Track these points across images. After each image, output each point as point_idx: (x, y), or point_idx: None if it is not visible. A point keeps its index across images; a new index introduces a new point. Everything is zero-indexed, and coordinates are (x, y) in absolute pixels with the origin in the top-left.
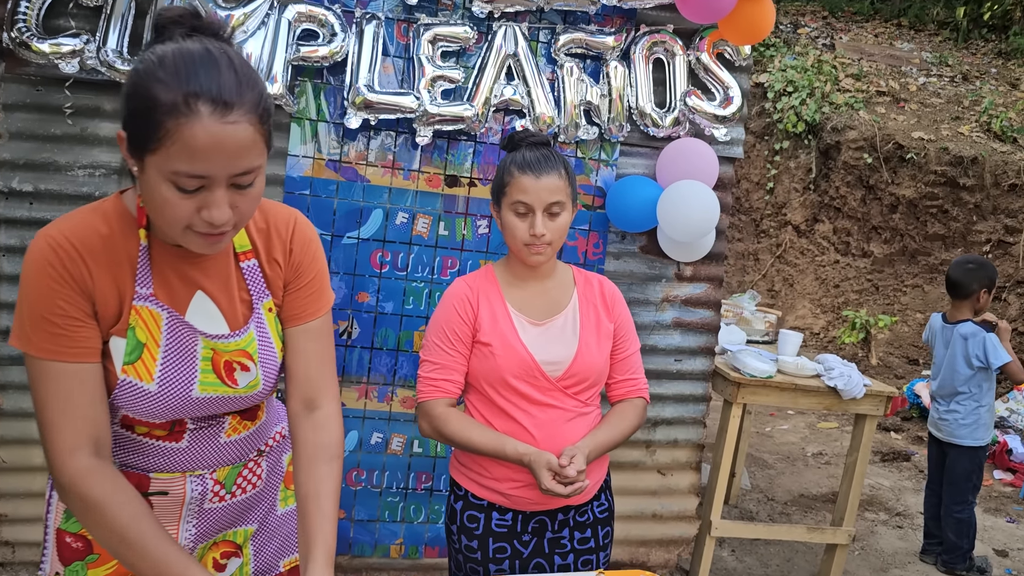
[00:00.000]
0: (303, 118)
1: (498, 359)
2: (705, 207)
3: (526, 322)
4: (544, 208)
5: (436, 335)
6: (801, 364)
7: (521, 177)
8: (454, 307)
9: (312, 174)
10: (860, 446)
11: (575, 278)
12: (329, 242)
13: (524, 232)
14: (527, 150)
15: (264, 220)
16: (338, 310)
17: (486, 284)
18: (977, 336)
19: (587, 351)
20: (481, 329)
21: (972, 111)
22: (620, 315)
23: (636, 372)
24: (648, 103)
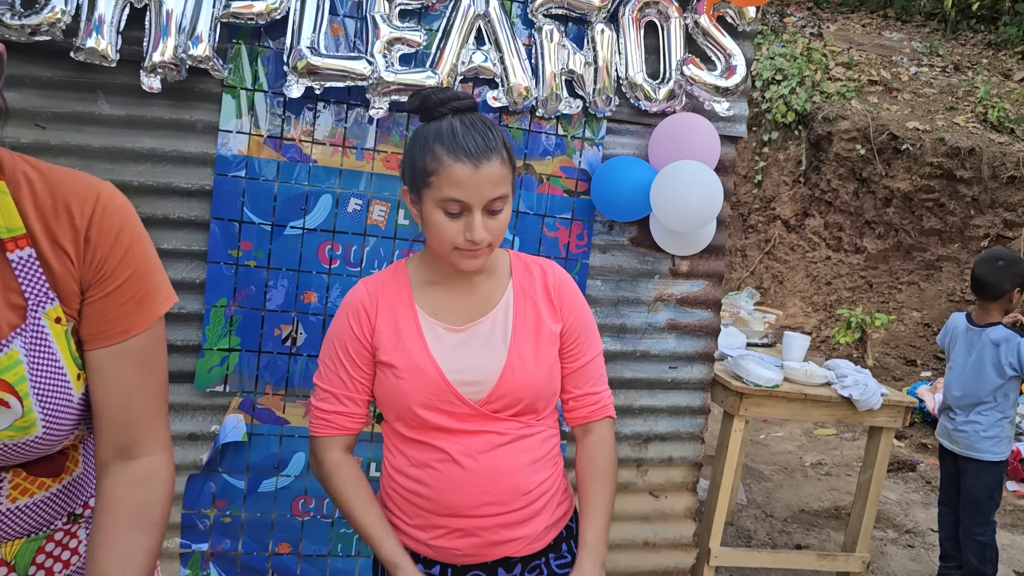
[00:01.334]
0: (237, 87)
1: (401, 384)
2: (707, 191)
3: (441, 330)
4: (485, 206)
5: (328, 355)
6: (810, 371)
7: (455, 167)
8: (347, 320)
9: (248, 153)
10: (875, 462)
11: (512, 266)
12: (269, 233)
13: (457, 235)
14: (454, 120)
15: (49, 193)
16: (281, 312)
17: (392, 287)
18: (1012, 342)
19: (519, 363)
20: (380, 346)
21: (966, 101)
22: (571, 310)
23: (597, 384)
24: (639, 73)
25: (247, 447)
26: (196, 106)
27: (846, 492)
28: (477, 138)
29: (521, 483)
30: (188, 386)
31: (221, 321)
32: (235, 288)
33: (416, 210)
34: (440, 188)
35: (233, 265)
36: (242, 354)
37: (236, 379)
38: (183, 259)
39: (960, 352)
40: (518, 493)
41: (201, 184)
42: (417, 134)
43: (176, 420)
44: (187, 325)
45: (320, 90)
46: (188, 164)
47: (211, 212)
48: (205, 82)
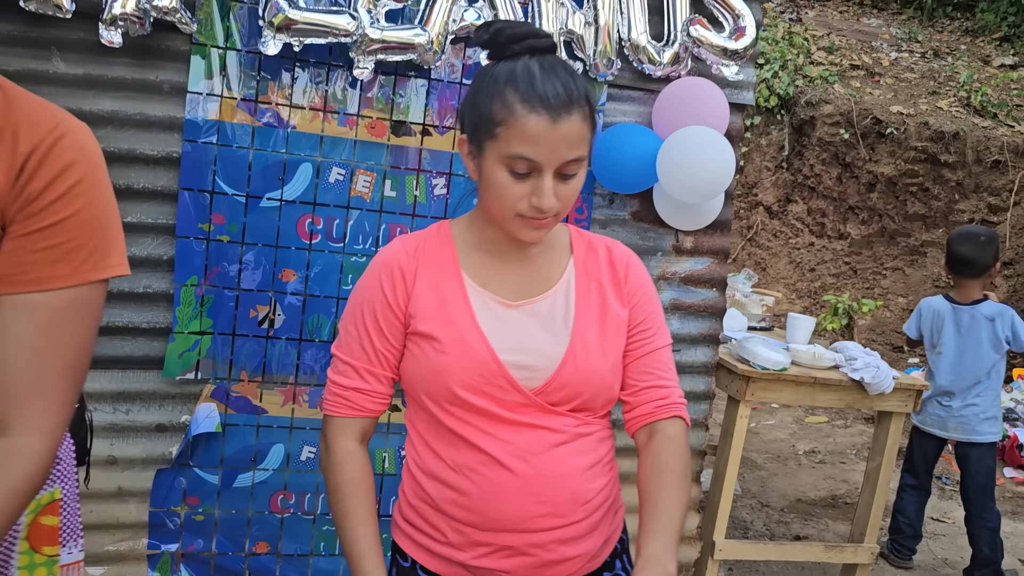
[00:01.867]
0: (207, 45)
1: (443, 360)
2: (719, 158)
3: (493, 303)
4: (557, 168)
5: (352, 321)
6: (818, 354)
7: (528, 118)
8: (379, 281)
9: (220, 117)
10: (885, 449)
11: (572, 242)
12: (244, 205)
13: (521, 200)
14: (532, 62)
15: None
16: (256, 292)
17: (435, 248)
18: (1006, 315)
19: (583, 351)
20: (418, 314)
21: (948, 86)
22: (640, 296)
23: (666, 376)
24: (643, 34)
25: (221, 439)
26: (162, 65)
27: (841, 480)
28: (558, 86)
29: (581, 490)
30: (156, 373)
31: (192, 302)
32: (206, 265)
33: (473, 164)
34: (508, 142)
35: (204, 240)
36: (215, 337)
37: (208, 365)
38: (148, 233)
39: (950, 335)
40: (578, 502)
41: (168, 151)
42: (484, 74)
43: (143, 410)
44: (154, 306)
45: (299, 48)
46: (153, 129)
47: (179, 182)
48: (172, 38)
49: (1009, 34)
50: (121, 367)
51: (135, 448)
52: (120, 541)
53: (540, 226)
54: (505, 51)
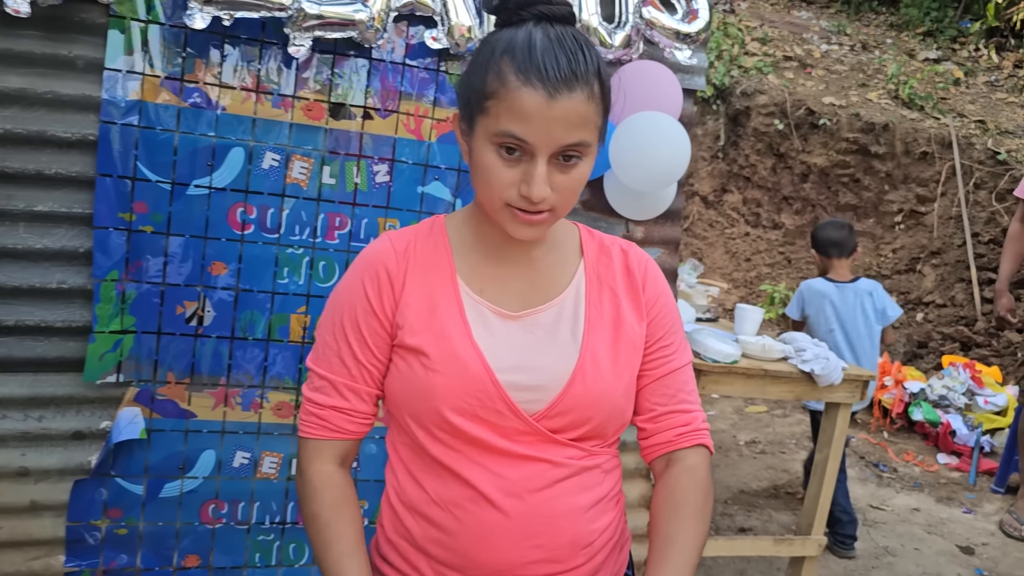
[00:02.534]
0: (126, 17)
1: (432, 379)
2: (675, 146)
3: (490, 314)
4: (554, 153)
5: (330, 329)
6: (768, 345)
7: (521, 91)
8: (362, 284)
9: (141, 97)
10: (832, 440)
11: (582, 243)
12: (169, 192)
13: (509, 187)
14: (536, 29)
15: None
16: (184, 287)
17: (427, 248)
18: (878, 290)
19: (594, 369)
20: (407, 324)
21: (877, 78)
22: (660, 307)
23: (688, 400)
24: (594, 15)
25: (145, 446)
26: (76, 39)
27: (782, 470)
28: (561, 58)
29: (583, 532)
30: (73, 376)
31: (113, 298)
32: (128, 258)
33: (466, 144)
34: (498, 117)
35: (125, 231)
36: (138, 336)
37: (131, 366)
38: (62, 224)
39: (836, 311)
40: (579, 546)
41: (83, 133)
42: (484, 43)
43: (59, 416)
44: (69, 303)
45: (229, 22)
46: (67, 109)
47: (96, 167)
48: (86, 9)
49: (932, 29)
50: (33, 370)
51: (50, 458)
52: (34, 559)
53: (532, 221)
54: (512, 17)
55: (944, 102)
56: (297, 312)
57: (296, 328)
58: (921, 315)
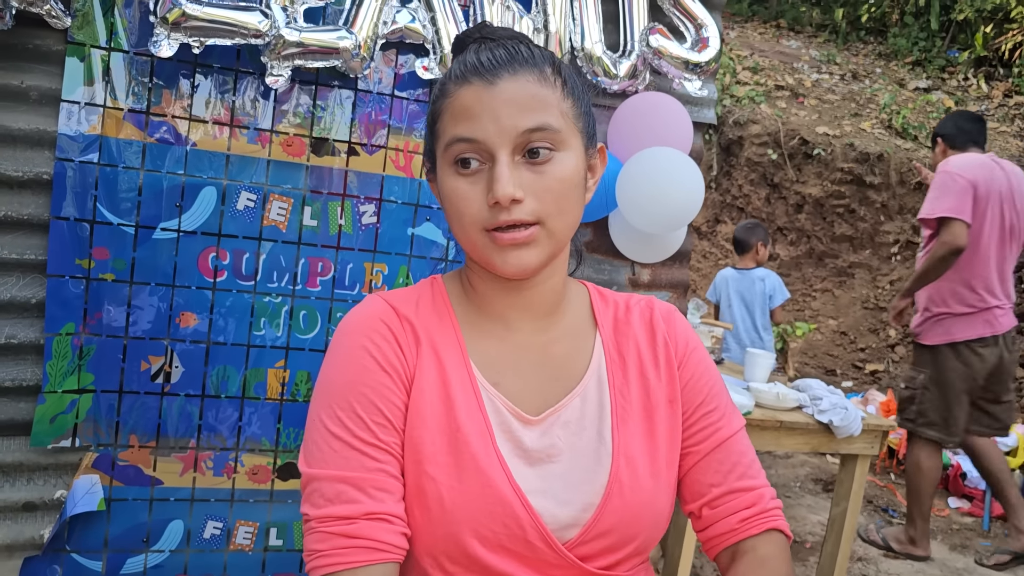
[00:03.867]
0: (86, 44)
1: (451, 499)
2: (688, 185)
3: (509, 416)
4: (516, 146)
5: (332, 418)
6: (782, 394)
7: (460, 91)
8: (364, 349)
9: (102, 132)
10: (851, 493)
11: (594, 310)
12: (132, 236)
13: (479, 204)
14: (476, 45)
15: None
16: (149, 340)
17: (432, 318)
18: (770, 278)
19: (631, 476)
20: (418, 418)
21: (868, 108)
22: (693, 367)
23: (749, 472)
24: (598, 44)
25: (105, 517)
26: (28, 68)
27: (789, 517)
28: (497, 51)
29: None
30: (24, 440)
31: (68, 354)
32: (86, 309)
33: (439, 197)
34: (445, 132)
35: (83, 279)
36: (96, 396)
37: (89, 429)
38: (12, 272)
39: (739, 293)
40: None
41: (37, 172)
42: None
43: (7, 485)
44: (20, 360)
45: (200, 49)
46: (18, 145)
47: (51, 209)
48: (41, 36)
49: (920, 59)
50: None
51: None
52: None
53: (517, 240)
54: (455, 54)
55: None
56: (275, 367)
57: (274, 384)
58: None
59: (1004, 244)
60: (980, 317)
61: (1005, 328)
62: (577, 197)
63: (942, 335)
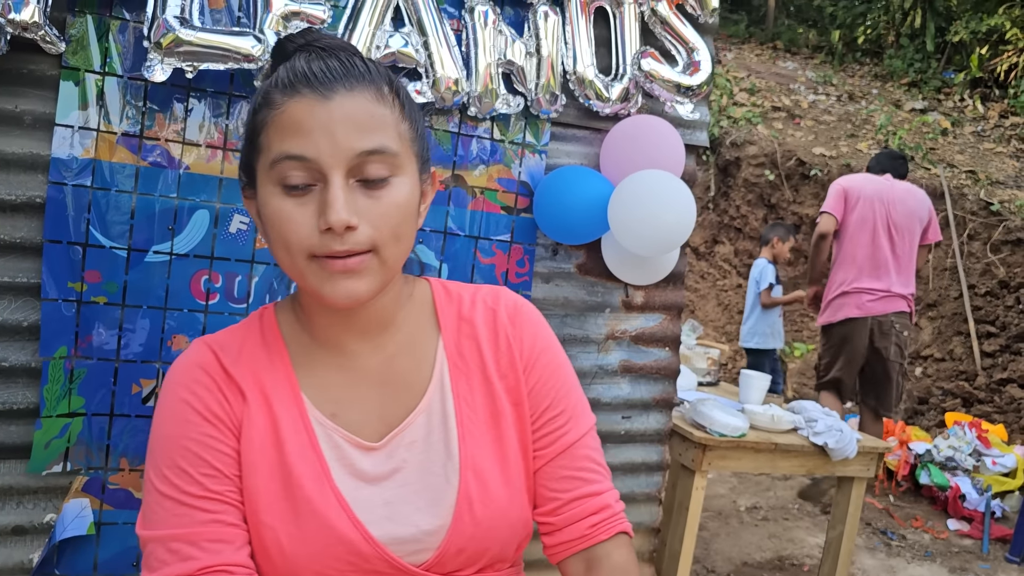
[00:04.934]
0: (80, 69)
1: (287, 543)
2: (680, 208)
3: (347, 446)
4: (350, 168)
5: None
6: (777, 416)
7: (289, 103)
8: (184, 401)
9: (96, 155)
10: (847, 516)
11: (437, 309)
12: (125, 259)
13: (307, 228)
14: (301, 55)
15: None
16: (140, 363)
17: (260, 356)
18: (761, 263)
19: (481, 491)
20: (248, 465)
21: (865, 128)
22: (541, 366)
23: (595, 475)
24: (590, 67)
25: (95, 541)
26: (23, 92)
27: (787, 540)
28: (331, 62)
29: None
30: (13, 464)
31: (60, 378)
32: (78, 333)
33: (254, 206)
34: (269, 146)
35: (75, 302)
36: (88, 419)
37: (80, 453)
38: (5, 295)
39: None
40: None
41: (30, 195)
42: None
43: None
44: (10, 383)
45: (193, 74)
46: (12, 169)
47: (44, 233)
48: (36, 60)
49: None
50: None
51: None
52: None
53: (348, 268)
54: (281, 59)
55: (933, 152)
56: None
57: None
58: (920, 370)
59: (877, 237)
60: (852, 300)
61: (875, 313)
62: (412, 223)
63: (828, 316)
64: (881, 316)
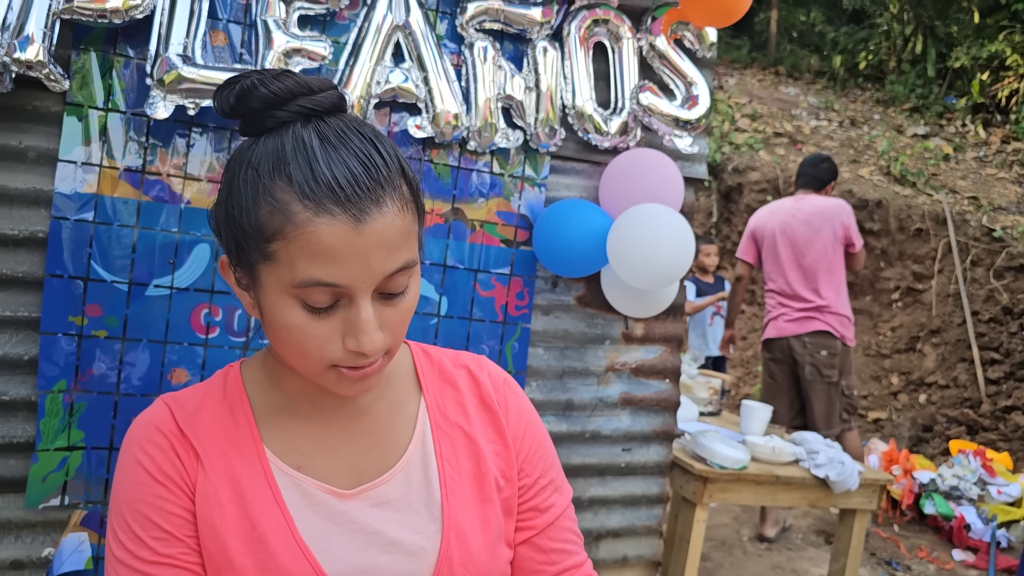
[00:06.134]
0: (83, 105)
1: None
2: (678, 242)
3: (317, 492)
4: (376, 287)
5: (117, 543)
6: (778, 448)
7: (317, 224)
8: (137, 462)
9: (98, 190)
10: (849, 549)
11: (418, 371)
12: (126, 294)
13: (330, 344)
14: (308, 132)
15: None
16: (140, 397)
17: (220, 414)
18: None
19: (463, 551)
20: (204, 524)
21: (866, 154)
22: (530, 439)
23: (575, 549)
24: (589, 101)
25: None
26: (27, 128)
27: (791, 571)
28: (354, 165)
29: None
30: (12, 498)
31: (59, 411)
32: (78, 366)
33: (249, 298)
34: (292, 264)
35: (75, 336)
36: (87, 453)
37: (78, 487)
38: (6, 329)
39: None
40: None
41: (32, 230)
42: (237, 161)
43: None
44: (10, 416)
45: (195, 111)
46: (15, 204)
47: (45, 267)
48: (40, 97)
49: (918, 105)
50: None
51: None
52: None
53: (366, 375)
54: (265, 121)
55: (935, 178)
56: None
57: None
58: (924, 396)
59: (785, 265)
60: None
61: (790, 333)
62: None
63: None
64: (794, 337)
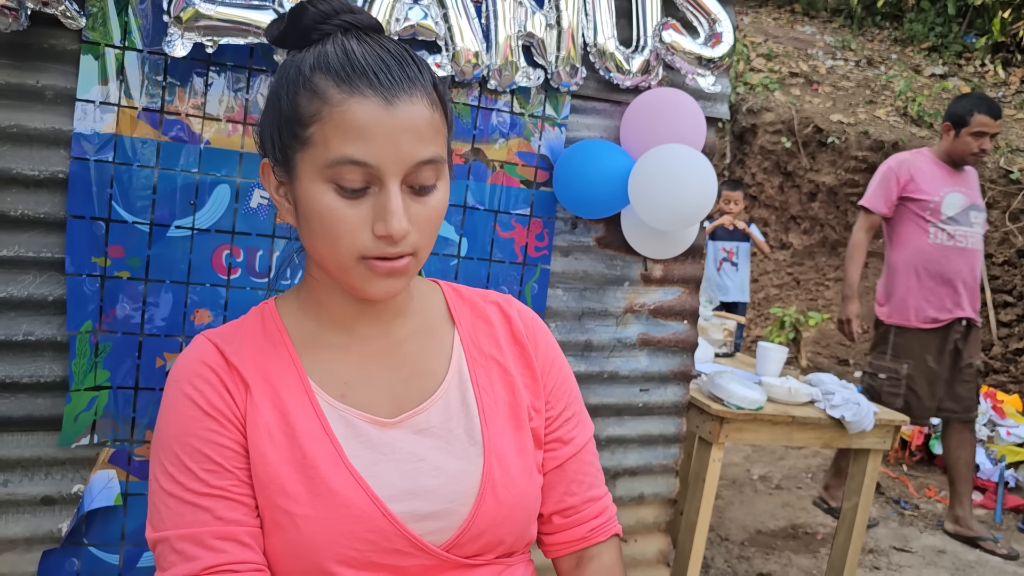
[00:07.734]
0: (100, 43)
1: (306, 527)
2: (702, 181)
3: (362, 423)
4: (407, 175)
5: (164, 476)
6: (794, 388)
7: (351, 103)
8: (186, 396)
9: (117, 130)
10: (862, 488)
11: (450, 306)
12: (148, 234)
13: (361, 231)
14: (349, 40)
15: None
16: (164, 338)
17: (262, 348)
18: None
19: (504, 475)
20: (257, 454)
21: (883, 95)
22: (555, 372)
23: (597, 483)
24: (611, 39)
25: (122, 512)
26: (44, 67)
27: (800, 508)
28: (388, 59)
29: None
30: (41, 436)
31: (87, 352)
32: (101, 307)
33: (286, 199)
34: (327, 144)
35: (98, 277)
36: (113, 392)
37: (106, 425)
38: (29, 269)
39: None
40: None
41: (53, 171)
42: (285, 66)
43: (26, 480)
44: (36, 356)
45: (213, 49)
46: (34, 144)
47: (67, 208)
48: (56, 35)
49: (937, 44)
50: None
51: (16, 526)
52: None
53: (394, 270)
54: (310, 35)
55: None
56: None
57: None
58: None
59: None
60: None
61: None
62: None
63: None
64: None
